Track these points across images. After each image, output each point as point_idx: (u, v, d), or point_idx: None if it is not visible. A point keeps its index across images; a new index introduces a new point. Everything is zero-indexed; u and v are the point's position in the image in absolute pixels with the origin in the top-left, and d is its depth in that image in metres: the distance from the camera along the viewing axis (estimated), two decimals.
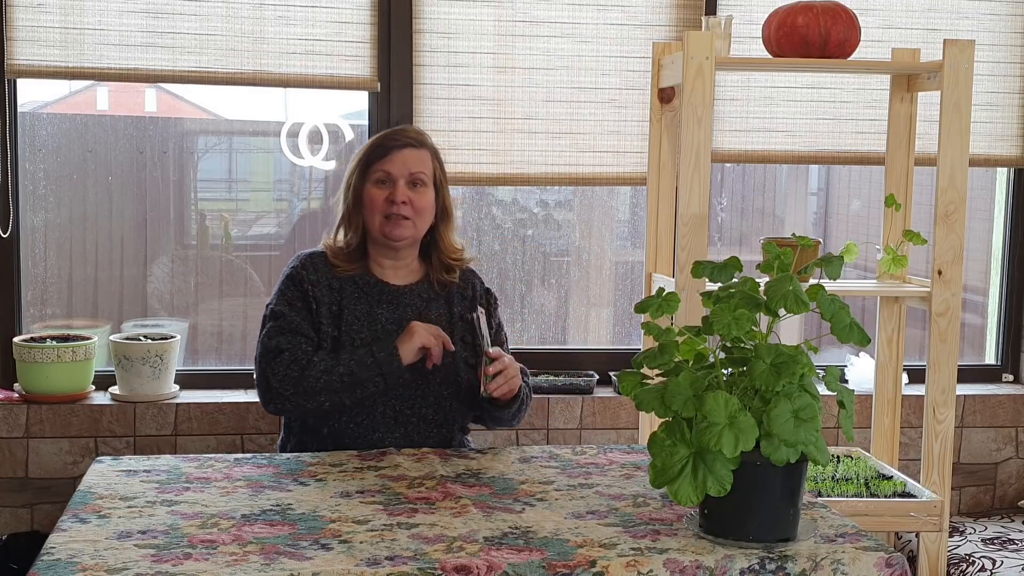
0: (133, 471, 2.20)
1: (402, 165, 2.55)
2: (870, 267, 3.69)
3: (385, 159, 2.56)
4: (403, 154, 2.56)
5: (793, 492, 1.79)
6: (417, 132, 2.65)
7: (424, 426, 2.52)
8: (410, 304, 2.58)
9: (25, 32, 3.23)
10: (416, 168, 2.56)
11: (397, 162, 2.55)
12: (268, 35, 3.33)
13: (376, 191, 2.55)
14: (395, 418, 2.50)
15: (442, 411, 2.54)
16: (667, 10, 3.48)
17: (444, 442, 2.55)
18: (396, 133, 2.63)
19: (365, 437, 2.49)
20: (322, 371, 2.42)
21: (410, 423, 2.51)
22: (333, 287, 2.55)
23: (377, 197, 2.54)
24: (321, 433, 2.51)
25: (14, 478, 3.30)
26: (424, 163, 2.58)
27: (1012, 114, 3.65)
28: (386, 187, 2.55)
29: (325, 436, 2.51)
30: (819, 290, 1.84)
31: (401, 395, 2.50)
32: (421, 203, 2.55)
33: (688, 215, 2.77)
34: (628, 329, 3.79)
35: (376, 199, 2.54)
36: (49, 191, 3.47)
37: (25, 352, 3.27)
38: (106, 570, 1.66)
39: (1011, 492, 3.72)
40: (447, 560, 1.71)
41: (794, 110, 3.55)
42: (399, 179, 2.54)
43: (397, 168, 2.55)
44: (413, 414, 2.51)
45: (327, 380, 2.41)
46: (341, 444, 2.49)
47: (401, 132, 2.63)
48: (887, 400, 3.23)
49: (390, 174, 2.55)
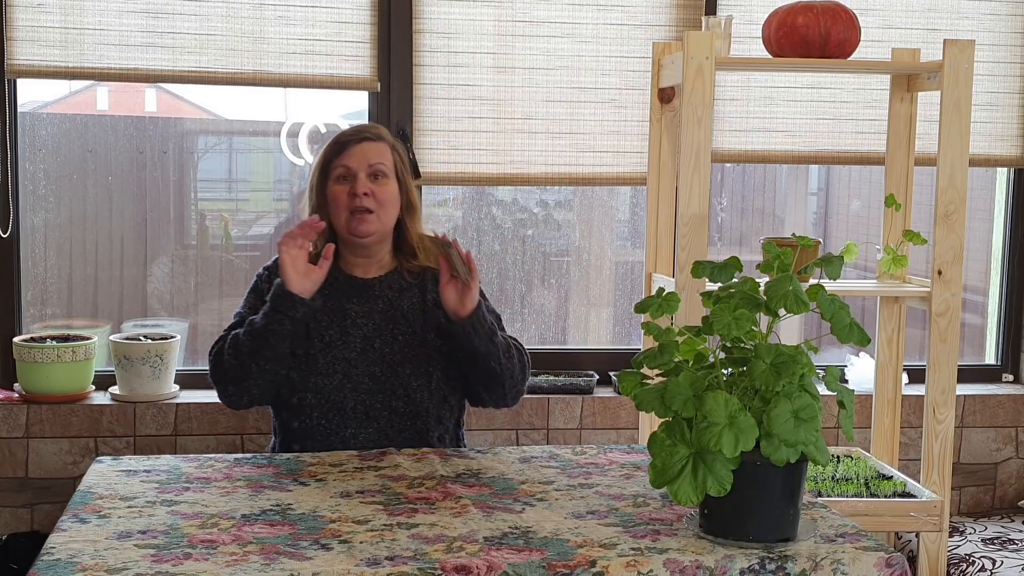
0: (133, 471, 2.20)
1: (361, 158, 2.54)
2: (870, 267, 3.69)
3: (343, 154, 2.55)
4: (361, 147, 2.55)
5: (793, 492, 1.79)
6: (375, 127, 2.64)
7: (396, 419, 2.49)
8: (380, 296, 2.56)
9: (25, 32, 3.23)
10: (375, 160, 2.54)
11: (356, 156, 2.54)
12: (268, 35, 3.33)
13: (338, 188, 2.54)
14: (365, 413, 2.48)
15: (412, 403, 2.50)
16: (667, 10, 3.48)
17: (421, 435, 2.51)
18: (352, 129, 2.62)
19: (336, 433, 2.47)
20: (235, 340, 2.44)
21: (381, 416, 2.49)
22: None
23: (340, 193, 2.53)
24: (292, 428, 2.50)
25: (14, 478, 3.30)
26: (383, 155, 2.56)
27: (1012, 114, 3.65)
28: (347, 182, 2.53)
29: (297, 432, 2.50)
30: (819, 290, 1.84)
31: (370, 388, 2.48)
32: (383, 194, 2.54)
33: (688, 215, 2.77)
34: (628, 329, 3.79)
35: (339, 196, 2.53)
36: (49, 191, 3.47)
37: (25, 352, 3.27)
38: (106, 570, 1.66)
39: (1011, 492, 3.72)
40: (447, 560, 1.71)
41: (794, 110, 3.55)
42: (359, 172, 2.53)
43: (356, 162, 2.53)
44: (384, 407, 2.49)
45: (241, 343, 2.42)
46: (314, 442, 2.47)
47: (357, 128, 2.63)
48: (887, 400, 3.23)
49: (349, 168, 2.54)
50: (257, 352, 2.42)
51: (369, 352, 2.51)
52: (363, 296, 2.56)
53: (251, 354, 2.42)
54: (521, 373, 2.54)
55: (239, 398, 2.49)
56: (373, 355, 2.51)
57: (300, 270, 2.42)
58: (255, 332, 2.42)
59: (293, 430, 2.51)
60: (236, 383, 2.45)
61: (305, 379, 2.49)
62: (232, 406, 2.51)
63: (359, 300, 2.56)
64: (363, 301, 2.56)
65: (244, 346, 2.43)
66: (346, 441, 2.47)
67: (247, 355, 2.42)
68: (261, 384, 2.45)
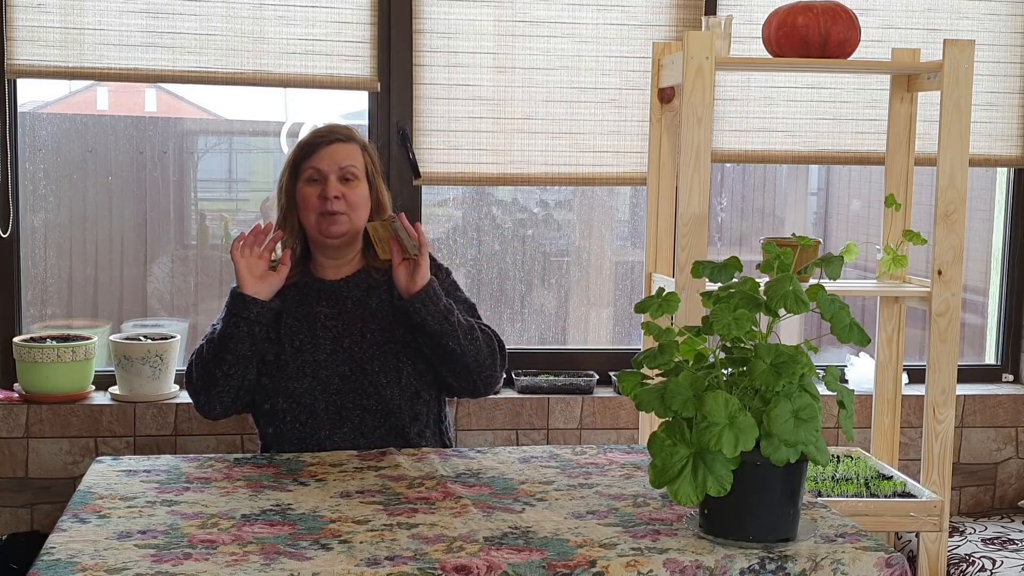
0: (133, 471, 2.20)
1: (331, 160, 2.53)
2: (870, 267, 3.69)
3: (313, 156, 2.54)
4: (331, 149, 2.54)
5: (793, 492, 1.79)
6: (346, 128, 2.62)
7: (369, 418, 2.48)
8: (348, 296, 2.56)
9: (25, 32, 3.23)
10: (346, 162, 2.54)
11: (326, 158, 2.53)
12: (268, 35, 3.33)
13: (308, 189, 2.53)
14: (338, 413, 2.47)
15: (383, 400, 2.48)
16: (667, 10, 3.48)
17: (397, 432, 2.50)
18: (323, 130, 2.61)
19: (311, 436, 2.47)
20: (199, 349, 2.49)
21: (354, 416, 2.48)
22: None
23: (310, 195, 2.52)
24: (268, 434, 2.52)
25: (14, 478, 3.30)
26: (354, 157, 2.55)
27: (1012, 114, 3.65)
28: (317, 184, 2.53)
29: (273, 437, 2.50)
30: (819, 290, 1.84)
31: (339, 389, 2.48)
32: (354, 197, 2.53)
33: (688, 215, 2.77)
34: (628, 329, 3.79)
35: (309, 197, 2.52)
36: (49, 191, 3.47)
37: (25, 352, 3.27)
38: (106, 570, 1.66)
39: (1011, 492, 3.72)
40: (447, 560, 1.71)
41: (794, 110, 3.55)
42: (329, 174, 2.52)
43: (327, 164, 2.53)
44: (356, 407, 2.48)
45: (204, 350, 2.46)
46: (290, 445, 2.47)
47: (328, 129, 2.61)
48: (887, 400, 3.23)
49: (320, 170, 2.53)
50: (219, 358, 2.44)
51: (338, 353, 2.51)
52: (332, 298, 2.56)
53: (214, 360, 2.45)
54: (490, 358, 2.50)
55: (211, 407, 2.50)
56: (342, 355, 2.50)
57: (256, 273, 2.45)
58: (214, 338, 2.46)
59: (269, 436, 2.52)
60: (205, 391, 2.48)
61: (276, 384, 2.49)
62: (206, 415, 2.52)
63: (328, 303, 2.55)
64: (332, 303, 2.55)
65: (207, 353, 2.47)
66: (321, 443, 2.47)
67: (210, 361, 2.45)
68: (230, 391, 2.47)
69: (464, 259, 3.66)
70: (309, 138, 2.59)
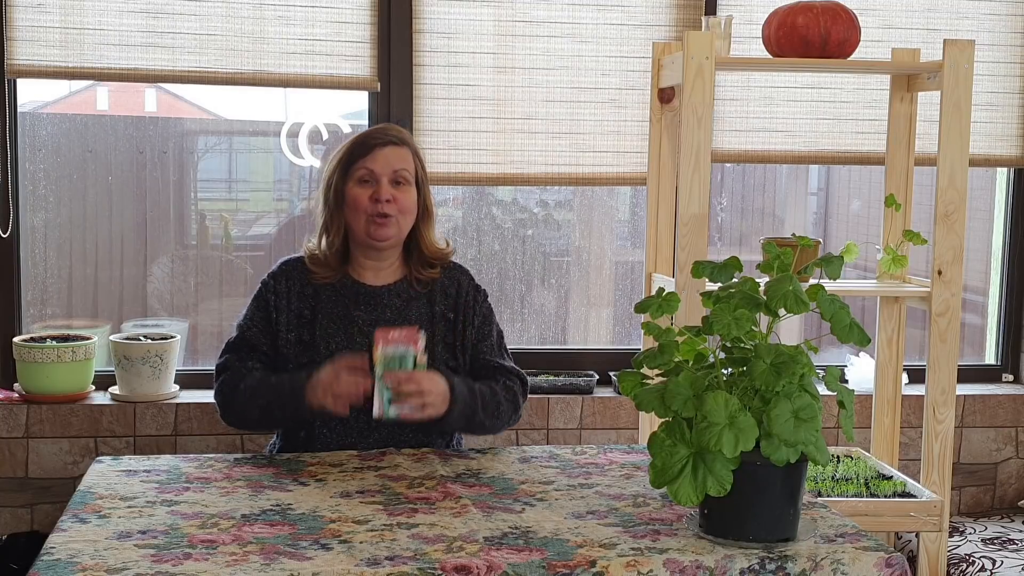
0: (133, 471, 2.20)
1: (385, 163, 2.50)
2: (870, 267, 3.69)
3: (367, 157, 2.51)
4: (385, 152, 2.51)
5: (793, 492, 1.79)
6: (399, 130, 2.60)
7: (398, 428, 2.46)
8: (388, 305, 2.54)
9: (25, 32, 3.23)
10: (399, 166, 2.51)
11: (380, 160, 2.50)
12: (268, 35, 3.33)
13: (359, 190, 2.50)
14: (368, 422, 2.43)
15: None
16: (667, 10, 3.48)
17: (424, 444, 2.49)
18: (378, 131, 2.58)
19: (339, 443, 2.46)
20: (247, 397, 2.44)
21: (383, 427, 2.45)
22: (306, 293, 2.52)
23: (361, 196, 2.49)
24: (299, 438, 2.50)
25: (14, 478, 3.30)
26: (407, 161, 2.53)
27: (1012, 114, 3.65)
28: (369, 186, 2.50)
29: (303, 440, 2.49)
30: (819, 290, 1.84)
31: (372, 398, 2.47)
32: (405, 202, 2.51)
33: (688, 215, 2.77)
34: (628, 329, 3.79)
35: (360, 199, 2.49)
36: (49, 191, 3.47)
37: (25, 352, 3.27)
38: (106, 570, 1.66)
39: (1011, 492, 3.72)
40: (447, 560, 1.71)
41: (794, 110, 3.55)
42: (382, 177, 2.50)
43: (380, 166, 2.50)
44: None
45: (251, 403, 2.44)
46: (321, 450, 2.46)
47: (383, 130, 2.58)
48: (887, 400, 3.23)
49: (373, 172, 2.50)
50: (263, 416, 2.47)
51: None
52: (371, 304, 2.54)
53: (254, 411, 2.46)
54: (513, 414, 2.54)
55: (239, 428, 2.59)
56: None
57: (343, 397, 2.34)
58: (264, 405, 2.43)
59: (300, 439, 2.49)
60: (240, 424, 2.54)
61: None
62: (230, 425, 2.56)
63: (367, 308, 2.53)
64: (371, 309, 2.53)
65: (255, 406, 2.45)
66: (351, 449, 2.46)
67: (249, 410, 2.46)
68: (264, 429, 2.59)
69: (464, 259, 3.66)
70: (363, 138, 2.55)
